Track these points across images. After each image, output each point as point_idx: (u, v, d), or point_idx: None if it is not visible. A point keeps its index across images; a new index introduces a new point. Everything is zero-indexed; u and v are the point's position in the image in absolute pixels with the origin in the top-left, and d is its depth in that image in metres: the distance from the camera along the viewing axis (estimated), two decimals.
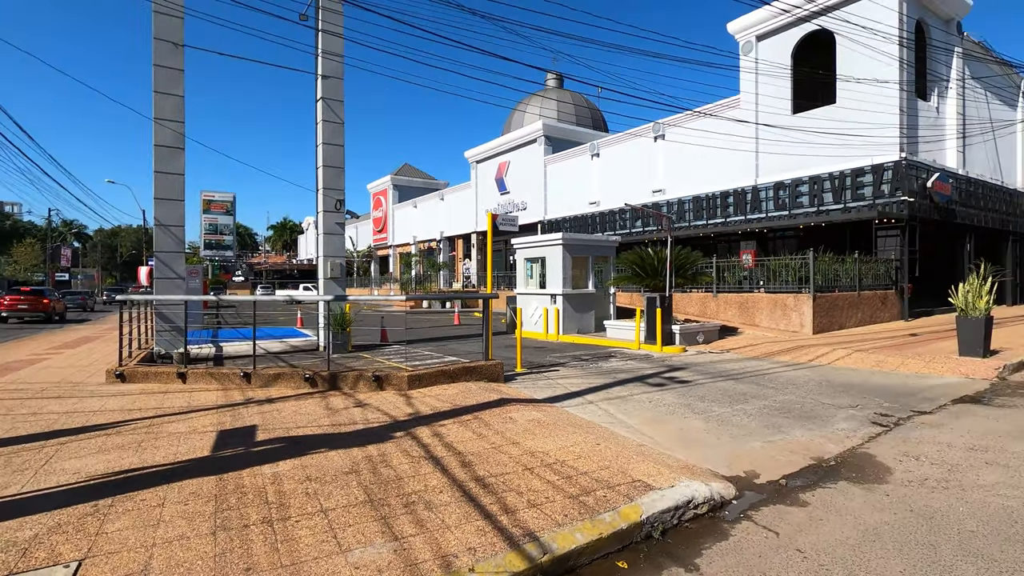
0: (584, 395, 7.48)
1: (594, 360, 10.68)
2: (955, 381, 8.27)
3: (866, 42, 16.47)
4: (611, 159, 26.59)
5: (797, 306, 13.58)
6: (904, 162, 16.07)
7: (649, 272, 12.30)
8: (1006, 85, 22.13)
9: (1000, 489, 4.14)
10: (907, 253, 16.18)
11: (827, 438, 5.55)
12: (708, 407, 6.81)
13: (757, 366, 9.73)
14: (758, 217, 19.64)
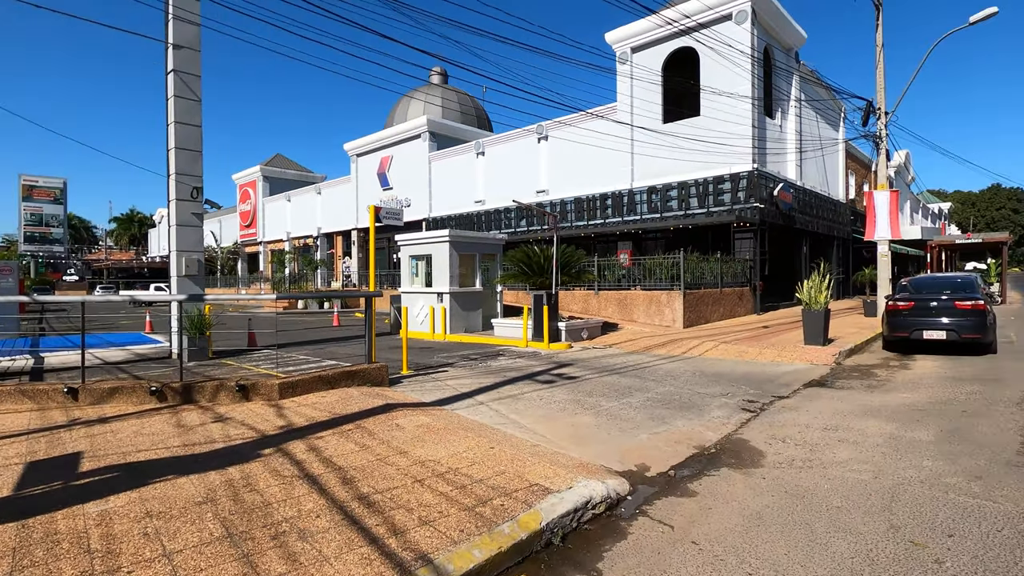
0: (475, 396, 7.23)
1: (483, 359, 10.49)
2: (803, 367, 9.24)
3: (724, 62, 18.12)
4: (496, 158, 26.73)
5: (670, 302, 14.54)
6: (756, 172, 17.92)
7: (536, 270, 12.41)
8: (832, 109, 25.68)
9: (853, 465, 4.55)
10: (759, 254, 18.09)
11: (706, 426, 5.82)
12: (597, 402, 6.89)
13: (638, 360, 10.16)
14: (633, 219, 20.81)
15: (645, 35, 20.22)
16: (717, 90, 18.07)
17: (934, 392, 7.13)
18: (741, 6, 17.89)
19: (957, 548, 3.13)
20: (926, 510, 3.64)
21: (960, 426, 5.52)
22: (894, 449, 4.89)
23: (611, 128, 20.89)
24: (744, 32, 17.93)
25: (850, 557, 3.09)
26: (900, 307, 10.27)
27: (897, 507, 3.70)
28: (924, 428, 5.50)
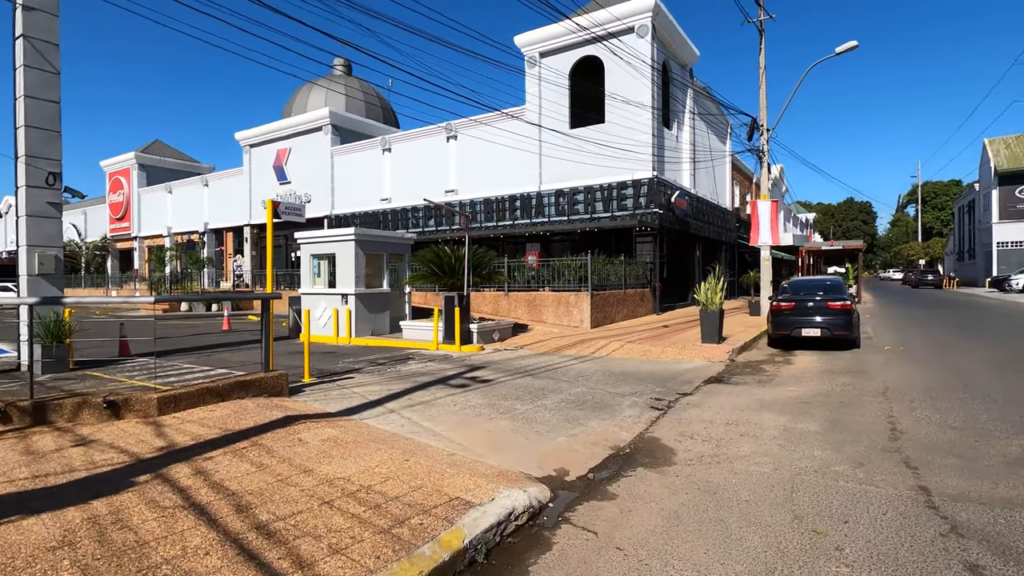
0: (385, 403, 6.86)
1: (392, 363, 10.06)
2: (702, 365, 9.78)
3: (627, 73, 18.92)
4: (403, 156, 26.02)
5: (578, 303, 14.89)
6: (656, 180, 18.90)
7: (447, 271, 12.14)
8: (720, 124, 27.79)
9: (755, 458, 4.81)
10: (658, 257, 19.10)
11: (619, 426, 5.93)
12: (512, 405, 6.80)
13: (549, 361, 10.24)
14: (541, 221, 21.15)
15: (553, 41, 20.61)
16: (623, 97, 18.82)
17: (815, 385, 7.82)
18: (643, 20, 18.77)
19: (852, 534, 3.36)
20: (822, 499, 3.89)
21: (840, 417, 6.06)
22: (788, 440, 5.25)
23: (520, 130, 21.08)
24: (645, 45, 18.84)
25: (763, 550, 3.20)
26: (783, 307, 11.23)
27: (798, 497, 3.93)
28: (811, 419, 5.97)
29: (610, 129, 19.52)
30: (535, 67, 21.24)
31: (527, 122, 20.81)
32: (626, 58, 18.80)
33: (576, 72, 20.80)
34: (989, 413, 5.97)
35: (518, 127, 21.11)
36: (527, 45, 21.31)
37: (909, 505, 3.73)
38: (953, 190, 70.34)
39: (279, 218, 7.62)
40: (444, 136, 24.22)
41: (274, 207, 7.52)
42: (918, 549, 3.15)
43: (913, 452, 4.80)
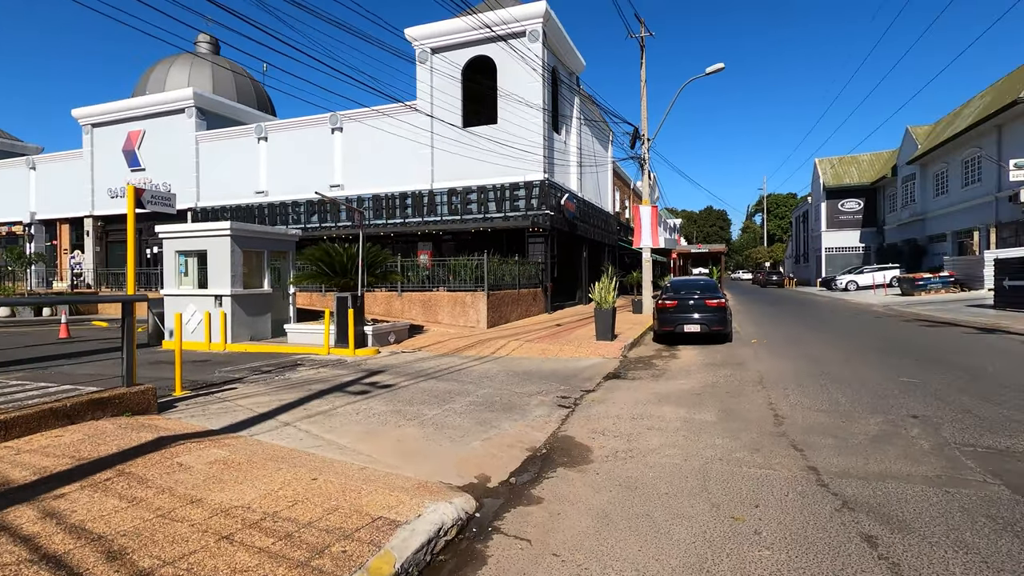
0: (277, 416, 6.21)
1: (279, 371, 9.20)
2: (599, 361, 10.14)
3: (519, 75, 19.21)
4: (282, 146, 24.16)
5: (474, 303, 14.79)
6: (547, 182, 19.39)
7: (339, 270, 11.39)
8: (604, 132, 29.28)
9: (666, 450, 5.01)
10: (549, 258, 19.62)
11: (531, 426, 5.89)
12: (419, 411, 6.50)
13: (451, 363, 10.01)
14: (434, 220, 20.77)
15: (446, 37, 20.33)
16: (516, 98, 19.04)
17: (702, 378, 8.42)
18: (534, 25, 19.16)
19: (765, 517, 3.58)
20: (732, 485, 4.13)
21: (730, 406, 6.55)
22: (691, 431, 5.54)
23: (412, 126, 20.53)
24: (537, 49, 19.24)
25: (692, 541, 3.29)
26: (667, 305, 12.03)
27: (711, 486, 4.13)
28: (706, 410, 6.39)
29: (503, 129, 19.68)
30: (427, 63, 20.80)
31: (424, 114, 20.31)
32: (518, 61, 19.07)
33: (469, 70, 20.71)
34: (846, 396, 6.80)
35: (410, 122, 20.54)
36: (419, 39, 20.81)
37: (804, 485, 4.08)
38: (791, 202, 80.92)
39: (143, 208, 6.59)
40: (329, 127, 22.87)
41: (137, 196, 6.48)
42: (821, 526, 3.42)
43: (796, 435, 5.30)
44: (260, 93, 30.44)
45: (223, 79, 29.00)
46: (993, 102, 27.22)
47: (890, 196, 42.06)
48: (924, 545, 3.14)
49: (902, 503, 3.70)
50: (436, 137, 20.62)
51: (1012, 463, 4.37)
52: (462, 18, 18.41)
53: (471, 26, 19.11)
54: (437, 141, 20.66)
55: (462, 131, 20.39)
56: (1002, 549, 3.07)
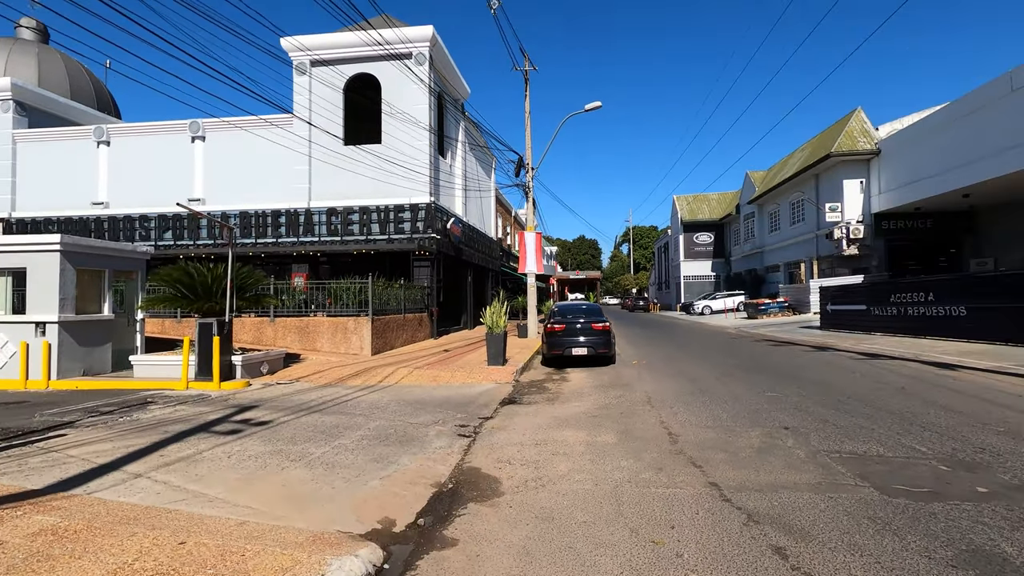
0: (125, 466, 5.17)
1: (125, 411, 7.79)
2: (492, 387, 9.97)
3: (405, 97, 18.93)
4: (129, 153, 21.30)
5: (357, 329, 13.93)
6: (434, 205, 19.14)
7: (202, 292, 10.05)
8: (487, 159, 29.81)
9: (575, 476, 4.92)
10: (436, 282, 19.25)
11: (433, 459, 5.52)
12: (304, 450, 5.81)
13: (335, 393, 9.22)
14: (311, 240, 19.48)
15: (327, 51, 19.47)
16: (402, 119, 18.67)
17: (595, 400, 8.59)
18: (421, 48, 19.06)
19: (683, 537, 3.59)
20: (645, 507, 4.13)
21: (627, 427, 6.70)
22: (595, 454, 5.54)
23: (288, 140, 19.23)
24: (423, 73, 19.13)
25: (618, 572, 3.18)
26: (556, 329, 12.27)
27: (625, 510, 4.09)
28: (605, 432, 6.46)
29: (388, 149, 19.16)
30: (305, 75, 19.73)
31: (302, 128, 19.09)
32: (404, 82, 18.80)
33: (353, 86, 19.99)
34: (726, 412, 7.31)
35: (286, 136, 19.22)
36: (297, 50, 19.69)
37: (711, 502, 4.20)
38: (653, 233, 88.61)
39: None
40: (188, 135, 20.64)
41: None
42: (734, 542, 3.50)
43: (693, 452, 5.52)
44: (101, 92, 26.73)
45: (52, 72, 25.06)
46: (812, 154, 32.20)
47: (734, 231, 47.73)
48: (826, 551, 3.33)
49: (797, 512, 3.93)
50: (315, 153, 19.51)
51: (872, 466, 4.90)
52: (346, 33, 17.82)
53: (355, 42, 18.57)
54: (317, 157, 19.55)
55: (344, 148, 19.52)
56: (888, 548, 3.34)
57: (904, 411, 6.97)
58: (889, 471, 4.74)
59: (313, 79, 19.64)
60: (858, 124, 29.62)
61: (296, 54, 19.69)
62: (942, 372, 10.20)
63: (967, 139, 21.57)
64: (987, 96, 20.57)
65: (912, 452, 5.25)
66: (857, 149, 28.37)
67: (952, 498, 4.09)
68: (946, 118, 23.10)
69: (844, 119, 30.98)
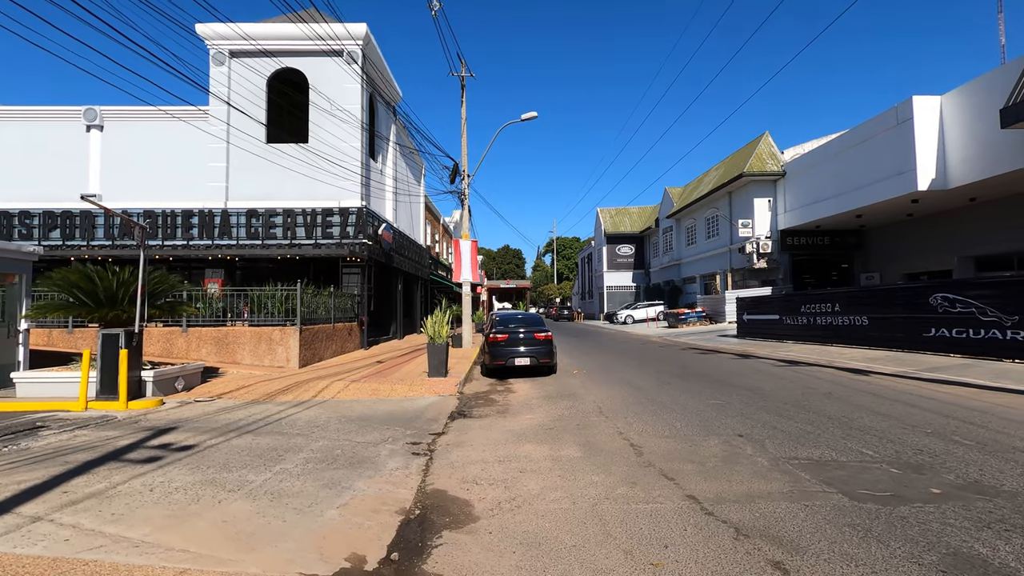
0: (19, 507, 4.30)
1: (9, 439, 6.61)
2: (436, 400, 9.53)
3: (334, 95, 18.06)
4: (7, 139, 18.72)
5: (284, 340, 12.92)
6: (365, 209, 18.33)
7: (105, 299, 8.83)
8: (416, 164, 29.15)
9: (549, 495, 4.69)
10: (367, 290, 18.39)
11: (392, 482, 5.09)
12: (242, 477, 5.16)
13: (266, 411, 8.41)
14: (228, 243, 17.99)
15: (249, 42, 18.16)
16: (331, 118, 17.77)
17: (546, 411, 8.41)
18: (353, 47, 18.30)
19: (680, 557, 3.45)
20: (631, 526, 3.96)
21: (587, 439, 6.56)
22: (564, 470, 5.34)
23: (202, 135, 17.72)
24: (355, 72, 18.36)
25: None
26: (499, 339, 12.03)
27: (612, 529, 3.91)
28: (567, 445, 6.28)
29: (315, 150, 18.16)
30: (223, 65, 18.31)
31: (218, 121, 17.64)
32: (334, 80, 17.95)
33: (277, 82, 18.81)
34: (680, 421, 7.38)
35: (200, 130, 17.70)
36: (214, 38, 18.25)
37: (695, 516, 4.11)
38: (575, 244, 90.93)
39: None
40: (83, 124, 18.47)
41: None
42: (732, 559, 3.41)
43: (661, 464, 5.46)
44: None
45: None
46: (726, 173, 34.37)
47: (654, 244, 49.94)
48: (822, 563, 3.31)
49: (781, 523, 3.92)
50: (234, 150, 18.10)
51: (832, 471, 5.05)
52: (271, 24, 16.79)
53: (282, 34, 17.52)
54: (235, 154, 18.15)
55: (267, 146, 18.27)
56: (878, 556, 3.38)
57: (839, 416, 7.36)
58: (848, 476, 4.90)
59: (233, 71, 18.27)
60: (766, 147, 31.98)
61: (214, 42, 18.25)
62: (857, 377, 11.01)
63: (860, 165, 23.85)
64: (877, 127, 22.88)
65: (862, 456, 5.49)
66: (766, 170, 30.59)
67: (914, 500, 4.27)
68: (842, 145, 25.45)
69: (754, 142, 33.36)
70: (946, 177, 20.34)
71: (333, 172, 17.98)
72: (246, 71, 18.25)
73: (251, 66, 18.34)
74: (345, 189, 18.14)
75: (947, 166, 20.32)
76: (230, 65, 18.32)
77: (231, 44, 18.21)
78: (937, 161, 20.45)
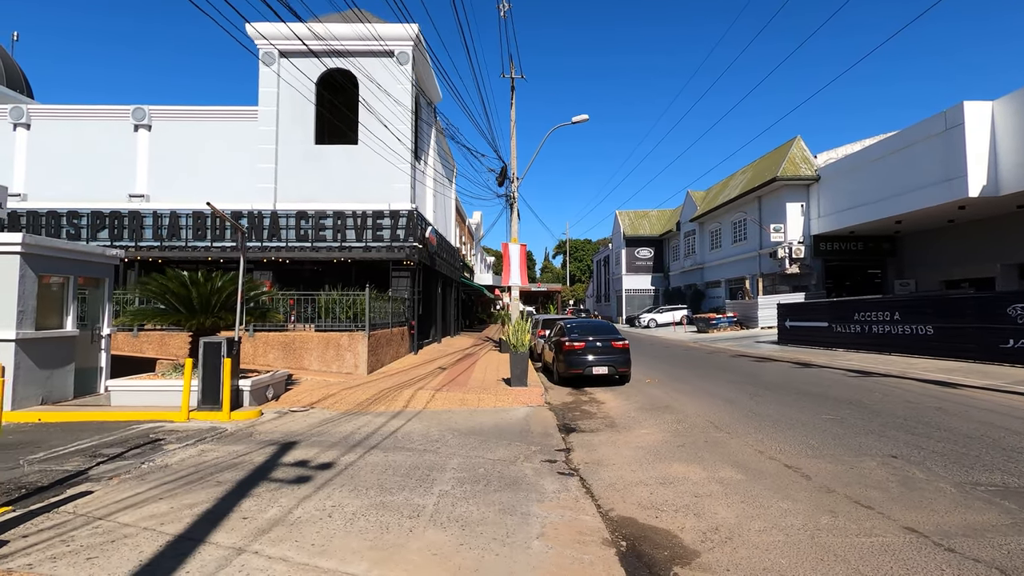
0: (210, 537, 4.05)
1: (137, 454, 6.37)
2: (530, 411, 9.27)
3: (384, 97, 17.85)
4: (54, 138, 18.52)
5: (352, 345, 12.69)
6: (416, 212, 18.11)
7: (199, 306, 8.61)
8: (449, 165, 28.93)
9: (749, 523, 4.43)
10: (415, 293, 18.17)
11: (566, 507, 4.85)
12: (408, 500, 4.93)
13: (370, 423, 8.17)
14: (277, 246, 17.77)
15: (300, 42, 17.91)
16: (380, 120, 17.54)
17: (658, 426, 8.14)
18: (404, 47, 18.09)
19: None
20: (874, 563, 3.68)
21: (732, 458, 6.30)
22: (742, 495, 5.07)
23: (251, 136, 17.53)
24: (406, 73, 18.15)
25: None
26: (576, 347, 11.79)
27: (862, 567, 3.65)
28: (720, 466, 6.01)
29: (364, 153, 17.95)
30: (273, 66, 18.10)
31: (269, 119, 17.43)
32: (385, 81, 17.73)
33: (326, 83, 18.59)
34: (813, 439, 7.10)
35: (248, 131, 17.51)
36: (263, 38, 18.04)
37: (937, 553, 3.84)
38: (587, 246, 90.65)
39: None
40: (131, 123, 18.27)
41: None
42: None
43: (840, 488, 5.20)
44: (11, 67, 23.23)
45: None
46: (755, 177, 34.09)
47: (674, 247, 49.65)
48: None
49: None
50: (282, 151, 17.90)
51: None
52: (321, 24, 16.57)
53: (331, 35, 17.29)
54: (283, 155, 17.94)
55: (315, 148, 18.07)
56: None
57: (976, 434, 7.10)
58: None
59: (282, 71, 18.06)
60: (799, 151, 31.71)
61: (263, 43, 18.04)
62: (948, 391, 10.73)
63: (903, 170, 23.55)
64: (922, 132, 22.60)
65: None
66: (800, 175, 30.32)
67: None
68: (883, 150, 25.16)
69: (785, 146, 33.09)
70: (997, 183, 20.05)
71: (381, 174, 17.77)
72: (295, 71, 18.04)
73: (300, 66, 18.12)
74: (394, 191, 17.92)
75: (999, 172, 20.04)
76: (279, 65, 18.11)
77: (281, 44, 18.00)
78: (988, 167, 20.17)
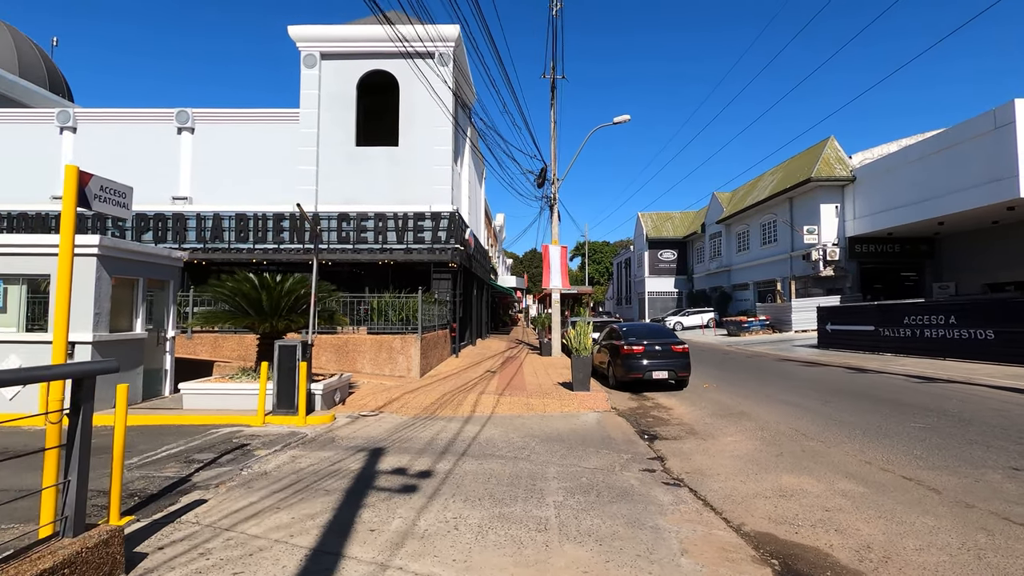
0: (347, 550, 3.90)
1: (230, 459, 6.26)
2: (601, 415, 9.05)
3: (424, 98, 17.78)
4: (100, 141, 18.70)
5: (404, 348, 12.58)
6: (457, 214, 18.00)
7: (269, 309, 8.53)
8: (479, 166, 28.84)
9: (901, 541, 4.19)
10: (456, 296, 18.05)
11: (692, 520, 4.63)
12: (529, 513, 4.74)
13: (446, 428, 8.01)
14: (320, 247, 17.74)
15: (339, 44, 17.97)
16: (420, 120, 17.47)
17: (741, 434, 7.89)
18: (445, 48, 18.00)
19: None
20: None
21: (842, 469, 6.04)
22: (875, 510, 4.82)
23: (292, 138, 17.53)
24: (446, 74, 18.06)
25: None
26: (635, 351, 11.56)
27: None
28: (834, 478, 5.75)
29: (405, 154, 17.89)
30: (314, 68, 18.11)
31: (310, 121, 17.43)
32: (425, 82, 17.66)
33: (367, 84, 18.57)
34: (917, 448, 6.82)
35: (289, 133, 17.52)
36: (305, 40, 18.07)
37: None
38: (606, 248, 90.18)
39: (88, 208, 3.83)
40: (174, 126, 18.39)
41: (81, 185, 3.74)
42: None
43: (979, 503, 4.92)
44: (53, 72, 23.54)
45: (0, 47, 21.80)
46: (786, 179, 33.56)
47: (698, 249, 49.12)
48: None
49: None
50: (323, 153, 17.89)
51: None
52: (361, 26, 16.56)
53: (372, 36, 17.27)
54: (324, 157, 17.93)
55: (356, 149, 18.04)
56: None
57: None
58: None
59: (323, 74, 18.06)
60: (832, 152, 31.16)
61: (304, 45, 18.06)
62: None
63: (947, 170, 22.98)
64: (969, 132, 22.03)
65: None
66: (834, 175, 29.78)
67: None
68: (925, 150, 24.59)
69: (818, 146, 32.54)
70: None
71: (422, 176, 17.69)
72: (337, 73, 18.04)
73: (341, 68, 18.13)
74: (435, 193, 17.83)
75: None
76: (321, 67, 18.11)
77: (322, 46, 18.01)
78: None
